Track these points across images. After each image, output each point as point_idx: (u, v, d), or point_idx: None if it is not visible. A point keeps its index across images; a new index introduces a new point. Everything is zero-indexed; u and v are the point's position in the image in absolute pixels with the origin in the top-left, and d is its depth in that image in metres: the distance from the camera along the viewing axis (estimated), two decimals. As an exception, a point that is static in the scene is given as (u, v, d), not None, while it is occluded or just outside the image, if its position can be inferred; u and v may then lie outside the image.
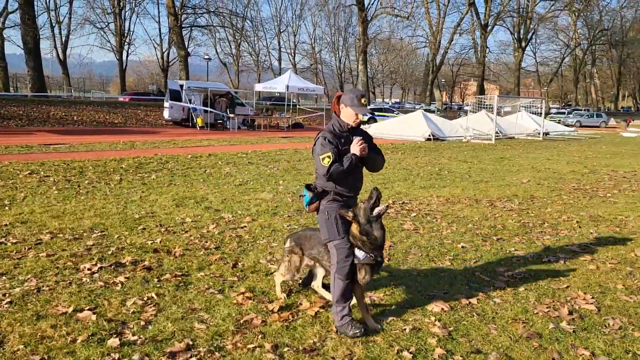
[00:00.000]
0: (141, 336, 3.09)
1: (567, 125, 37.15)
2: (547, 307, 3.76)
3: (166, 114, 25.42)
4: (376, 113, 32.89)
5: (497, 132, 22.01)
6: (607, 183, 10.14)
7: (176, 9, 38.88)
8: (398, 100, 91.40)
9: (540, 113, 26.63)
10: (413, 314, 3.59)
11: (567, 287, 4.23)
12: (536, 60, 79.20)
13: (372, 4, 48.92)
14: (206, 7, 47.17)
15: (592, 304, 3.87)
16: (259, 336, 3.15)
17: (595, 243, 5.63)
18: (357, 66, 50.92)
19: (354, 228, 3.28)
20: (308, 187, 3.36)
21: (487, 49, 59.01)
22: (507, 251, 5.23)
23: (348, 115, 3.28)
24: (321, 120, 31.08)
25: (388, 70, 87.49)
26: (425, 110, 28.69)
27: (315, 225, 4.66)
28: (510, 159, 14.54)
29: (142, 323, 3.26)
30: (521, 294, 4.04)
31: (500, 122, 24.02)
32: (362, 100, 3.23)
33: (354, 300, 3.35)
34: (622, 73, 79.69)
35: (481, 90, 53.67)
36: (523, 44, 60.54)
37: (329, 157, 3.17)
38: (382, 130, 22.88)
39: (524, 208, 7.46)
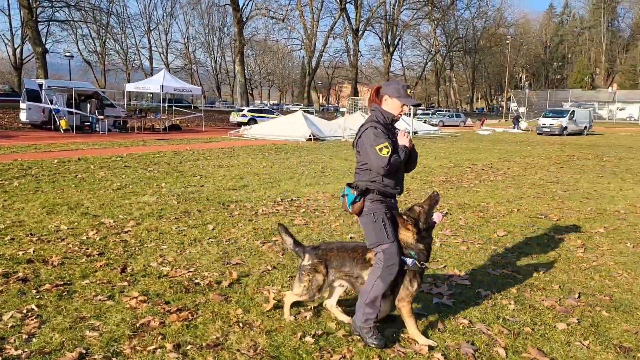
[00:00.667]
0: (25, 350, 2.82)
1: (432, 125, 40.48)
2: (429, 286, 4.12)
3: (23, 116, 22.95)
4: (256, 114, 32.94)
5: (372, 132, 23.23)
6: (469, 175, 11.27)
7: (30, 1, 35.25)
8: (276, 102, 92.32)
9: (409, 114, 28.64)
10: (311, 302, 3.71)
11: (445, 266, 4.67)
12: (403, 65, 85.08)
13: (247, 4, 49.02)
14: (65, 0, 43.33)
15: (466, 279, 4.31)
16: (159, 337, 3.04)
17: (464, 227, 6.25)
18: (234, 67, 50.56)
19: (409, 235, 3.06)
20: (350, 185, 3.10)
21: (359, 53, 62.15)
22: (391, 239, 5.60)
23: (394, 106, 3.11)
24: (200, 122, 30.30)
25: (265, 72, 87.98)
26: (305, 111, 29.38)
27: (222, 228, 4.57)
28: (385, 155, 15.48)
29: (25, 336, 2.98)
30: (407, 276, 4.37)
31: (374, 122, 25.37)
32: (408, 91, 3.11)
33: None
34: (475, 77, 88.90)
35: (355, 92, 56.30)
36: (391, 49, 64.77)
37: (386, 147, 2.95)
38: (264, 131, 22.99)
39: (401, 200, 8.02)
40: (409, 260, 3.05)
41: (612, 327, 3.42)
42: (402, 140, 3.12)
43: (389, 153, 2.94)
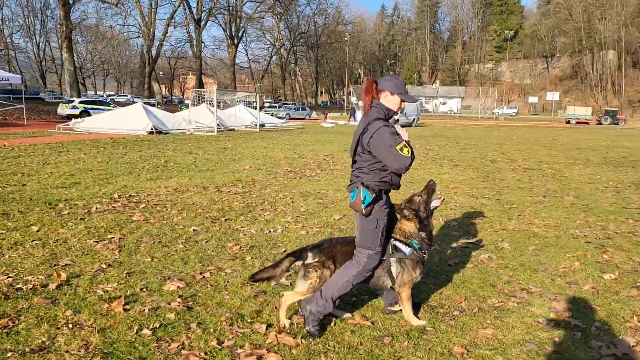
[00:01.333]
0: None
1: (279, 118, 41.38)
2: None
3: None
4: (89, 106, 30.33)
5: (218, 125, 23.03)
6: (312, 165, 11.85)
7: None
8: (113, 92, 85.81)
9: (256, 106, 28.95)
10: (150, 296, 3.65)
11: (284, 250, 4.91)
12: (248, 58, 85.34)
13: (74, -15, 44.50)
14: None
15: (304, 260, 4.61)
16: (-30, 351, 2.75)
17: (305, 213, 6.62)
18: (62, 54, 45.75)
19: (412, 225, 3.22)
20: (366, 186, 3.03)
21: (203, 44, 60.72)
22: (235, 229, 5.70)
23: (394, 102, 3.14)
24: (20, 115, 26.89)
25: (99, 60, 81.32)
26: (145, 103, 27.85)
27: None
28: (232, 148, 15.48)
29: None
30: (248, 263, 4.51)
31: (221, 115, 25.18)
32: (406, 88, 3.18)
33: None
34: (318, 72, 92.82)
35: (200, 84, 54.94)
36: (235, 41, 64.39)
37: (405, 146, 2.95)
38: (99, 124, 21.32)
39: (247, 190, 8.16)
40: (407, 249, 3.20)
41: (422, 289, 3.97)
42: (403, 136, 3.10)
43: (410, 152, 2.98)
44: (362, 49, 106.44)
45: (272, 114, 40.53)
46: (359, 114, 40.17)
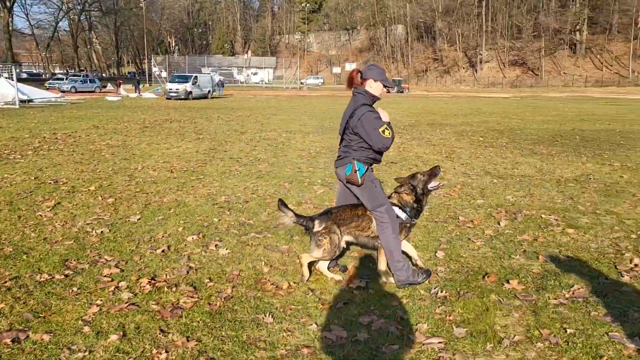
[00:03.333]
0: None
1: (63, 91, 37.30)
2: None
3: None
4: None
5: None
6: (58, 145, 10.84)
7: None
8: None
9: (12, 77, 25.39)
10: None
11: None
12: (30, 23, 74.89)
13: None
14: None
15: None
16: None
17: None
18: None
19: (409, 197, 3.75)
20: (358, 160, 3.54)
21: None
22: None
23: (378, 88, 3.60)
24: None
25: None
26: None
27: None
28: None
29: None
30: None
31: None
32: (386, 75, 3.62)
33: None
34: (119, 40, 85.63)
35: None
36: (8, 4, 55.76)
37: (387, 128, 3.45)
38: None
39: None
40: (403, 215, 3.71)
41: None
42: (385, 118, 3.55)
43: (391, 134, 3.47)
44: (169, 16, 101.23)
45: (47, 87, 36.39)
46: (123, 90, 38.25)
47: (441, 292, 3.58)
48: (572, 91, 62.66)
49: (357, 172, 3.50)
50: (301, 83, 73.89)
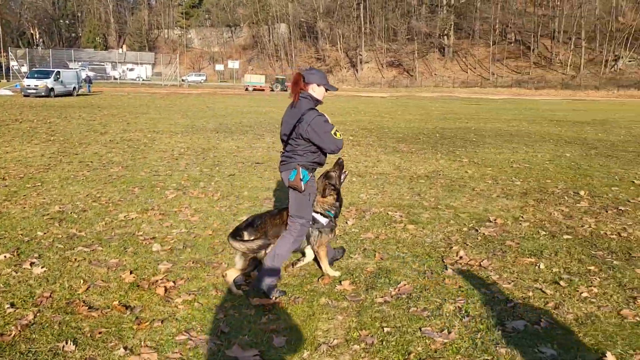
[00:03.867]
0: None
1: None
2: None
3: None
4: None
5: None
6: None
7: None
8: None
9: None
10: None
11: None
12: None
13: None
14: None
15: None
16: None
17: None
18: None
19: (331, 198, 3.84)
20: (302, 166, 3.50)
21: None
22: None
23: (320, 92, 3.62)
24: None
25: None
26: None
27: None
28: None
29: None
30: None
31: None
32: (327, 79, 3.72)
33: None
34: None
35: None
36: None
37: (338, 130, 3.51)
38: None
39: None
40: (324, 220, 3.80)
41: None
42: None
43: (341, 135, 3.53)
44: (31, 5, 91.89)
45: None
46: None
47: (274, 298, 3.49)
48: (442, 91, 67.73)
49: (302, 179, 3.49)
50: (182, 80, 71.24)
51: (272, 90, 59.89)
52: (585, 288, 3.74)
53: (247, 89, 57.86)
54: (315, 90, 3.59)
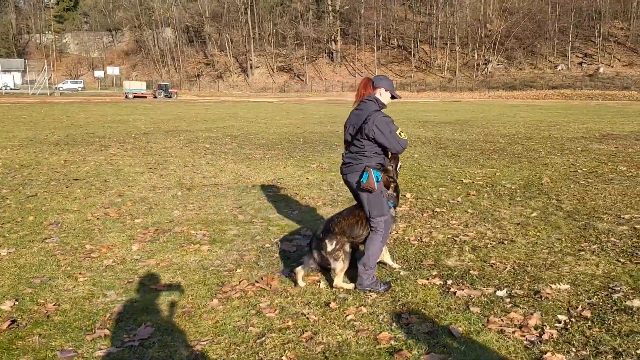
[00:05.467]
0: None
1: None
2: None
3: None
4: None
5: None
6: None
7: None
8: None
9: None
10: None
11: None
12: None
13: None
14: None
15: None
16: None
17: None
18: None
19: (390, 190, 3.91)
20: (374, 168, 3.62)
21: None
22: None
23: (387, 97, 3.80)
24: None
25: None
26: None
27: None
28: None
29: None
30: None
31: None
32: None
33: None
34: None
35: None
36: None
37: (402, 131, 3.65)
38: None
39: None
40: (393, 211, 3.99)
41: None
42: None
43: (406, 136, 3.69)
44: None
45: None
46: None
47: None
48: (331, 95, 69.10)
49: (376, 180, 3.60)
50: (56, 88, 65.68)
51: (155, 97, 57.23)
52: (354, 309, 3.41)
53: (127, 97, 54.62)
54: (382, 95, 3.80)
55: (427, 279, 3.89)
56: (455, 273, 4.02)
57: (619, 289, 3.64)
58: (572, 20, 71.09)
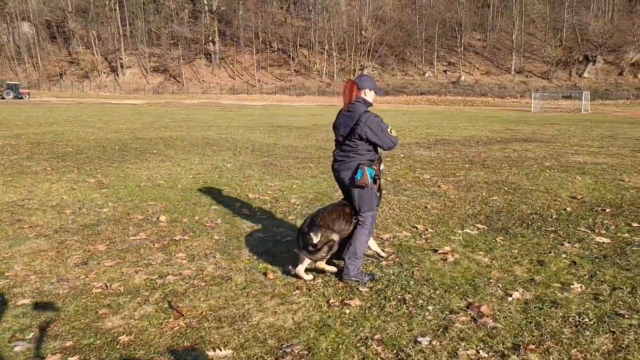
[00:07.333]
0: None
1: None
2: None
3: None
4: None
5: None
6: None
7: None
8: None
9: None
10: None
11: None
12: None
13: None
14: None
15: None
16: None
17: None
18: None
19: (377, 185, 4.01)
20: (367, 165, 3.83)
21: None
22: None
23: (372, 96, 3.95)
24: None
25: None
26: None
27: None
28: None
29: None
30: None
31: None
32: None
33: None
34: None
35: None
36: None
37: (393, 128, 3.87)
38: None
39: None
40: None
41: None
42: None
43: (396, 133, 3.92)
44: None
45: None
46: None
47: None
48: (209, 98, 66.72)
49: (370, 177, 3.82)
50: None
51: (3, 98, 51.08)
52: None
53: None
54: (368, 95, 3.94)
55: None
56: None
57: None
58: (437, 30, 75.98)
